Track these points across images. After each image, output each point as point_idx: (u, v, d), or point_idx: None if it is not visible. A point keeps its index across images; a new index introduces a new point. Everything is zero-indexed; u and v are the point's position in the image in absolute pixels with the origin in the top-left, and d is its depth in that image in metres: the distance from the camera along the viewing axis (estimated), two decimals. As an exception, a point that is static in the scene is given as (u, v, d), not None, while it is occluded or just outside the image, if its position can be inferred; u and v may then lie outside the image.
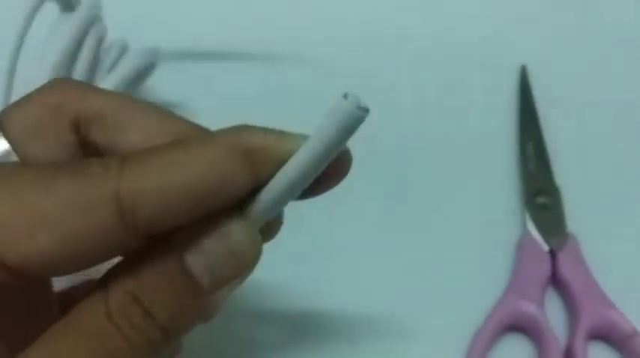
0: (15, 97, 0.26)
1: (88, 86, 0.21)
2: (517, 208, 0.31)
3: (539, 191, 0.31)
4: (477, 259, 0.30)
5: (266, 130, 0.18)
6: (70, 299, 0.19)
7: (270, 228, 0.20)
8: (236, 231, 0.18)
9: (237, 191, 0.17)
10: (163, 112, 0.20)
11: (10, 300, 0.18)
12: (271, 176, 0.18)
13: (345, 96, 0.17)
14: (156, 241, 0.17)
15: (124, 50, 0.33)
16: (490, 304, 0.28)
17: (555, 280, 0.29)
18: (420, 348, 0.27)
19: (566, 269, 0.28)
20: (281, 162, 0.17)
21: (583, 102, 0.35)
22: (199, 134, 0.19)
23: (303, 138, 0.17)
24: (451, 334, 0.27)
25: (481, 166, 0.33)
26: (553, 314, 0.28)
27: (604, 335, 0.27)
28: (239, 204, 0.18)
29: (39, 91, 0.20)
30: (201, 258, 0.18)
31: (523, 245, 0.30)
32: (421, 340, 0.27)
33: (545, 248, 0.29)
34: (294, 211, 0.20)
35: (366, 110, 0.17)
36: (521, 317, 0.27)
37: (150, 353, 0.18)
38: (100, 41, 0.32)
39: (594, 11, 0.39)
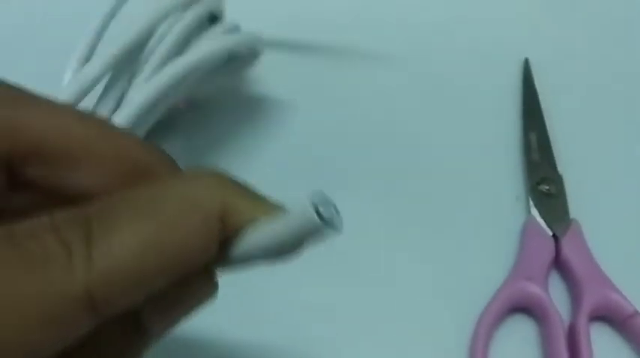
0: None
1: (20, 96, 0.16)
2: (521, 195, 0.32)
3: (543, 179, 0.32)
4: (483, 244, 0.31)
5: (241, 189, 0.16)
6: None
7: None
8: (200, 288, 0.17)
9: (207, 259, 0.16)
10: (116, 133, 0.17)
11: None
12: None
13: (313, 204, 0.15)
14: None
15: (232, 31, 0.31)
16: (496, 286, 0.29)
17: (558, 263, 0.30)
18: (428, 327, 0.28)
19: (569, 253, 0.29)
20: (245, 229, 0.16)
21: (584, 93, 0.36)
22: (168, 180, 0.16)
23: (273, 209, 0.16)
24: (459, 314, 0.28)
25: (487, 156, 0.34)
26: (556, 295, 0.29)
27: (605, 315, 0.28)
28: None
29: None
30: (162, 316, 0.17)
31: (527, 230, 0.31)
32: (429, 320, 0.28)
33: (549, 233, 0.30)
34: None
35: (327, 223, 0.15)
36: (526, 297, 0.28)
37: None
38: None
39: (597, 4, 0.40)
